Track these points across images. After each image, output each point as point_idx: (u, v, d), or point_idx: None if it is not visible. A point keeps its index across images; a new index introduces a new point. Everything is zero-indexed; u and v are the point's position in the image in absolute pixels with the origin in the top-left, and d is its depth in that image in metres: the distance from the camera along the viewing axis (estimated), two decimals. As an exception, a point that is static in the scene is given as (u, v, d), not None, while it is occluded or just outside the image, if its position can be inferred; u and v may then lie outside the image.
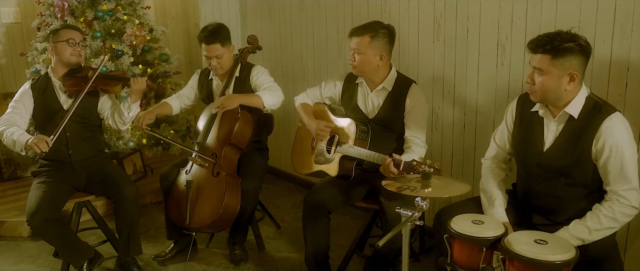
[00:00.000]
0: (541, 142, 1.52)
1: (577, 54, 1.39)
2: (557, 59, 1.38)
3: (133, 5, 2.93)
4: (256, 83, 2.24)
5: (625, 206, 1.40)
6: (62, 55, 2.07)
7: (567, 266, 1.25)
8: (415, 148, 1.85)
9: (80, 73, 2.11)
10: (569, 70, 1.40)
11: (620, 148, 1.39)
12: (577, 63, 1.40)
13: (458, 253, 1.42)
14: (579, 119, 1.44)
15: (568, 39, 1.38)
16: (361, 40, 1.85)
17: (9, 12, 3.23)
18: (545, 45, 1.39)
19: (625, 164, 1.39)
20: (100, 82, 2.09)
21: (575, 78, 1.41)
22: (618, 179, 1.40)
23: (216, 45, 2.16)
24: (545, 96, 1.46)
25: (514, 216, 1.59)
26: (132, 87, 2.09)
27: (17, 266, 2.31)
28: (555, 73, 1.40)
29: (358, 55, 1.87)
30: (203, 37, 2.18)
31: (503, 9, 1.99)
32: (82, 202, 2.17)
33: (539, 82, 1.43)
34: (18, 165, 3.17)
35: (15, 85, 3.25)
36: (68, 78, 2.10)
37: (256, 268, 2.26)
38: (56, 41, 2.07)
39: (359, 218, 2.65)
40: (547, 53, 1.39)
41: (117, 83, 2.11)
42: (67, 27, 2.13)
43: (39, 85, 2.11)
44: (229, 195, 2.07)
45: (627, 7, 1.66)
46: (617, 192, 1.40)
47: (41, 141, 1.90)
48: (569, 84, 1.41)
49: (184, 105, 2.38)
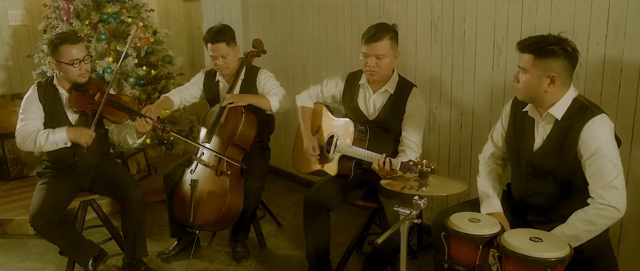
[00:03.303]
0: (531, 141, 1.54)
1: (560, 57, 1.40)
2: (540, 60, 1.41)
3: (137, 8, 2.97)
4: (264, 87, 2.28)
5: (603, 208, 1.39)
6: (69, 76, 2.01)
7: (561, 263, 1.27)
8: (408, 152, 1.86)
9: (87, 91, 2.04)
10: (549, 72, 1.42)
11: (599, 149, 1.39)
12: (558, 66, 1.41)
13: (455, 250, 1.44)
14: (563, 120, 1.46)
15: (554, 42, 1.41)
16: (383, 44, 1.80)
17: (16, 14, 3.27)
18: (531, 46, 1.43)
19: (604, 164, 1.39)
20: (107, 110, 2.02)
21: (556, 80, 1.42)
22: (596, 178, 1.40)
23: (221, 44, 2.20)
24: (527, 94, 1.49)
25: (509, 214, 1.62)
26: (137, 128, 2.03)
27: (24, 264, 2.34)
28: (536, 73, 1.43)
29: (380, 59, 1.81)
30: (209, 37, 2.22)
31: (499, 11, 2.02)
32: (87, 201, 2.20)
33: (522, 81, 1.47)
34: (25, 165, 3.22)
35: (22, 86, 3.31)
36: (74, 93, 2.03)
37: (258, 265, 2.29)
38: (59, 60, 1.98)
39: (358, 216, 2.67)
40: (532, 53, 1.43)
41: (123, 115, 2.04)
42: (65, 42, 1.96)
43: (46, 96, 2.05)
44: (232, 194, 2.11)
45: (621, 10, 1.68)
46: (596, 191, 1.41)
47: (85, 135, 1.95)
48: (549, 86, 1.43)
49: (185, 102, 2.39)
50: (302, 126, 2.09)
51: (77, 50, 1.99)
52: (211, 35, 2.21)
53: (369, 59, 1.84)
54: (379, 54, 1.82)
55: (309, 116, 2.10)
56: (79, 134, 1.98)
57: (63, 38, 2.00)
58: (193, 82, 2.42)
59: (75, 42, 2.00)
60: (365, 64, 1.86)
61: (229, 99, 2.18)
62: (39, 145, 1.98)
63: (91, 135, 1.98)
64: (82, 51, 2.01)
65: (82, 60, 2.00)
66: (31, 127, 2.00)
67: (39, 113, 2.04)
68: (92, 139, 1.99)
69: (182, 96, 2.38)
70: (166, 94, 2.38)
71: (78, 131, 1.98)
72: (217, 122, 2.23)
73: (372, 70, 1.86)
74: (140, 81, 2.92)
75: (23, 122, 2.02)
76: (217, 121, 2.23)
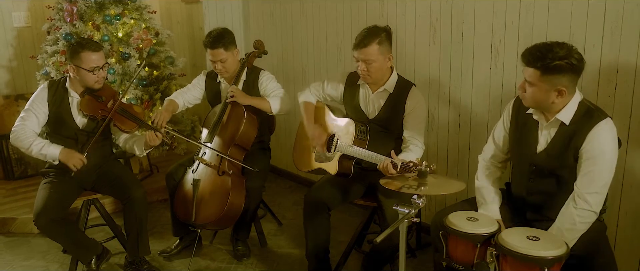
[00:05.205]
0: (535, 142, 1.55)
1: (567, 72, 1.39)
2: (546, 76, 1.40)
3: (139, 10, 2.99)
4: (265, 89, 2.31)
5: (585, 213, 1.41)
6: (85, 81, 2.03)
7: (558, 261, 1.29)
8: (413, 149, 1.88)
9: (100, 97, 2.06)
10: (557, 87, 1.42)
11: (601, 154, 1.41)
12: (566, 80, 1.41)
13: (453, 249, 1.46)
14: (570, 124, 1.47)
15: (560, 56, 1.37)
16: (369, 49, 1.82)
17: (20, 16, 3.30)
18: (536, 62, 1.40)
19: (601, 169, 1.41)
20: (117, 118, 2.03)
21: (564, 93, 1.43)
22: (587, 180, 1.42)
23: (220, 49, 2.22)
24: (535, 105, 1.50)
25: (508, 213, 1.64)
26: (147, 141, 2.03)
27: (28, 262, 2.36)
28: (544, 87, 1.43)
29: (369, 64, 1.84)
30: (207, 42, 2.24)
31: (497, 13, 2.04)
32: (91, 200, 2.21)
33: (529, 92, 1.46)
34: (28, 164, 3.25)
35: (26, 87, 3.34)
36: (87, 98, 2.05)
37: (258, 263, 2.31)
38: (78, 65, 1.99)
39: (357, 215, 2.68)
40: (537, 69, 1.40)
41: (133, 125, 2.05)
42: (87, 49, 1.98)
43: (56, 97, 2.06)
44: (234, 194, 2.13)
45: (617, 12, 1.70)
46: (582, 193, 1.42)
47: (75, 159, 1.96)
48: (557, 98, 1.44)
49: (188, 104, 2.41)
50: (304, 119, 2.09)
51: (98, 57, 2.01)
52: (210, 41, 2.23)
53: (359, 63, 1.87)
54: (367, 59, 1.84)
55: (311, 110, 2.11)
56: (69, 157, 1.99)
57: (85, 44, 2.01)
58: (195, 83, 2.44)
59: (97, 49, 2.02)
60: (358, 68, 1.89)
61: (231, 91, 2.20)
62: (30, 151, 2.01)
63: (82, 161, 2.00)
64: (102, 59, 2.03)
65: (101, 67, 2.02)
66: (29, 131, 2.02)
67: (41, 116, 2.05)
68: (82, 164, 2.00)
69: (184, 98, 2.39)
70: (170, 97, 2.40)
71: (70, 154, 2.00)
72: (219, 120, 2.25)
73: (364, 74, 1.89)
74: (143, 82, 2.94)
75: (22, 122, 2.04)
76: (220, 119, 2.25)
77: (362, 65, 1.86)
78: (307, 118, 2.08)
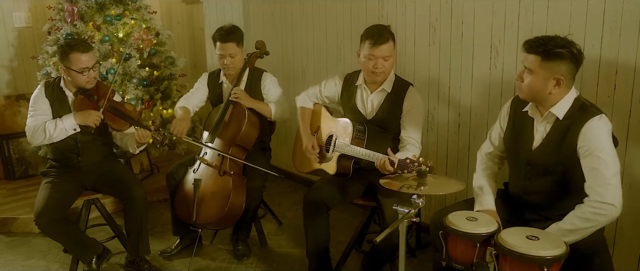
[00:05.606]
0: (530, 140, 1.57)
1: (567, 60, 1.42)
2: (547, 62, 1.43)
3: (140, 11, 3.00)
4: (268, 93, 2.32)
5: (599, 205, 1.40)
6: (76, 82, 2.05)
7: (557, 261, 1.29)
8: (410, 148, 1.89)
9: (92, 96, 2.07)
10: (556, 75, 1.44)
11: (598, 147, 1.42)
12: (565, 69, 1.43)
13: (453, 248, 1.46)
14: (564, 119, 1.49)
15: (561, 44, 1.41)
16: (389, 46, 1.85)
17: (21, 16, 3.30)
18: (538, 47, 1.44)
19: (603, 161, 1.41)
20: (108, 116, 2.04)
21: (562, 83, 1.45)
22: (594, 175, 1.42)
23: (231, 43, 2.23)
24: (531, 95, 1.51)
25: (507, 213, 1.64)
26: (136, 138, 2.03)
27: (29, 262, 2.37)
28: (543, 75, 1.44)
29: (387, 61, 1.86)
30: (219, 36, 2.25)
31: (496, 13, 2.04)
32: (91, 200, 2.22)
33: (526, 81, 1.48)
34: (29, 164, 3.25)
35: (27, 87, 3.34)
36: (79, 97, 2.07)
37: (258, 263, 2.31)
38: (68, 67, 2.00)
39: (357, 215, 2.70)
40: (539, 55, 1.44)
41: (124, 123, 2.07)
42: (75, 50, 1.97)
43: (54, 96, 2.08)
44: (234, 194, 2.13)
45: (616, 11, 1.70)
46: (593, 188, 1.42)
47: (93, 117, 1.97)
48: (554, 88, 1.46)
49: (195, 108, 2.43)
50: (301, 126, 2.11)
51: (87, 58, 2.01)
52: (221, 34, 2.24)
53: (377, 60, 1.87)
54: (385, 55, 1.86)
55: (308, 116, 2.13)
56: (86, 116, 1.99)
57: (73, 45, 2.00)
58: (197, 86, 2.45)
59: (86, 50, 2.01)
60: (374, 66, 1.87)
61: (235, 93, 2.21)
62: (49, 133, 2.00)
63: (99, 116, 2.00)
64: (92, 59, 2.03)
65: (91, 68, 2.02)
66: (40, 121, 2.04)
67: (47, 110, 2.07)
68: (100, 120, 2.00)
69: (191, 103, 2.40)
70: (180, 104, 2.39)
71: (85, 114, 2.00)
72: (221, 120, 2.26)
73: (380, 72, 1.88)
74: (143, 82, 2.95)
75: (32, 119, 2.06)
76: (222, 118, 2.26)
77: (380, 62, 1.86)
78: (304, 126, 2.10)
